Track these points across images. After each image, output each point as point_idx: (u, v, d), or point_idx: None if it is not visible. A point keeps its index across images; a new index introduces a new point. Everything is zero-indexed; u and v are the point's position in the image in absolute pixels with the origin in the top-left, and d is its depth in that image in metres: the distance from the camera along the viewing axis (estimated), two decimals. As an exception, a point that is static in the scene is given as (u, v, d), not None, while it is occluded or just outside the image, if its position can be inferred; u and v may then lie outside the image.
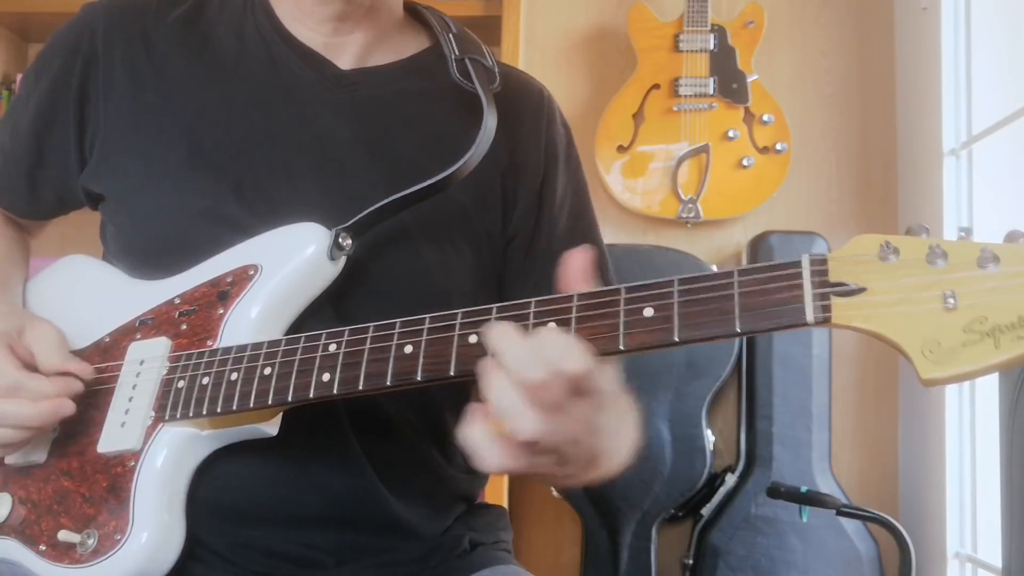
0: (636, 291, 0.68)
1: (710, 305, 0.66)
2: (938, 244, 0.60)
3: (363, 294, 0.92)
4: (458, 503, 1.03)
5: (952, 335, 0.58)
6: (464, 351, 0.73)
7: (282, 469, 0.90)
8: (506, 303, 0.73)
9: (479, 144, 0.94)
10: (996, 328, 0.57)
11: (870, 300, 0.61)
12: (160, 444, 0.86)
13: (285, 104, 0.98)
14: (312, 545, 0.92)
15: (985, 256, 0.58)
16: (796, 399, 2.13)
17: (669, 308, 0.66)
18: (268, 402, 0.81)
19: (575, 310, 0.70)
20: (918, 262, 0.60)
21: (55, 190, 1.06)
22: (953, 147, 2.07)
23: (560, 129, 1.08)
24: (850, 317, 0.61)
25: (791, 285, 0.63)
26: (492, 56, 1.04)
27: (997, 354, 0.57)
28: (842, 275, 0.62)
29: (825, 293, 0.62)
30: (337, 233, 0.89)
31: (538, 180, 1.03)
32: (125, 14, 1.02)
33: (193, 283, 0.93)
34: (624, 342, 0.67)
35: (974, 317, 0.58)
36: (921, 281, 0.60)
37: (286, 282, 0.89)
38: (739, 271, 0.66)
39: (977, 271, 0.59)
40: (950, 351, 0.58)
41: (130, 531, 0.83)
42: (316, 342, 0.80)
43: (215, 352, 0.86)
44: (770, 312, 0.64)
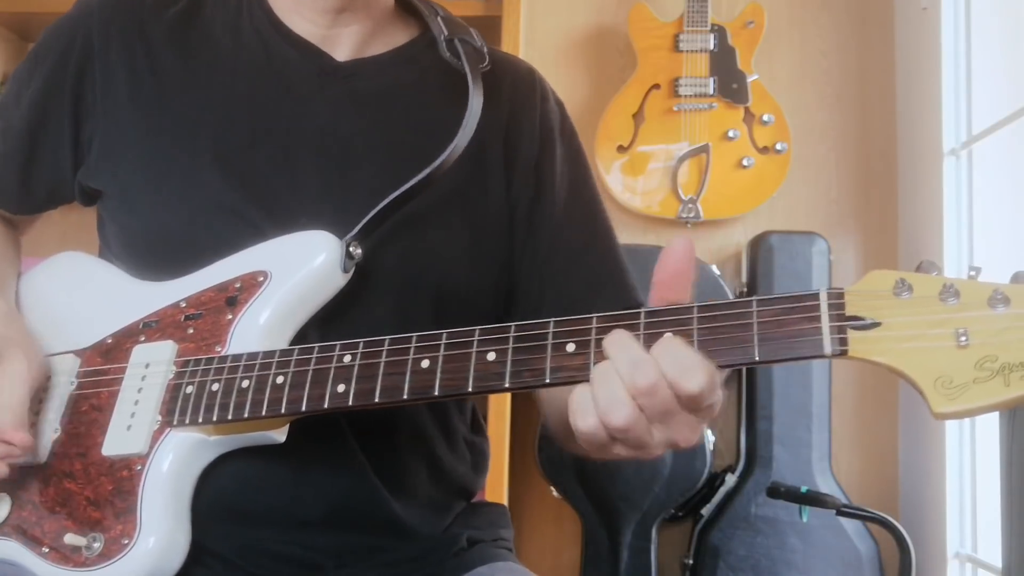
0: (655, 315, 0.70)
1: (729, 334, 0.67)
2: (952, 284, 0.63)
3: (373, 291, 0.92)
4: (458, 500, 1.03)
5: (964, 371, 0.61)
6: (482, 368, 0.74)
7: (282, 471, 0.89)
8: (523, 323, 0.74)
9: (466, 125, 0.94)
10: (1006, 367, 0.60)
11: (885, 335, 0.63)
12: (167, 448, 0.85)
13: (284, 97, 0.98)
14: (312, 547, 0.92)
15: (996, 297, 0.62)
16: (796, 399, 2.13)
17: (689, 334, 0.68)
18: (281, 411, 0.80)
19: (594, 332, 0.71)
20: (931, 300, 0.63)
21: (47, 187, 1.04)
22: (953, 147, 2.07)
23: (553, 106, 1.08)
24: (867, 351, 0.64)
25: (809, 317, 0.65)
26: (482, 38, 1.04)
27: (1007, 392, 0.60)
28: (858, 309, 0.65)
29: (842, 327, 0.64)
30: (348, 243, 0.89)
31: (534, 155, 1.03)
32: (121, 10, 1.01)
33: (199, 287, 0.92)
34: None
35: (985, 355, 0.61)
36: (935, 318, 0.63)
37: (296, 291, 0.88)
38: (757, 300, 0.68)
39: (988, 311, 0.62)
40: (962, 387, 0.61)
41: (138, 535, 0.83)
42: (330, 352, 0.80)
43: (224, 359, 0.85)
44: (789, 343, 0.66)
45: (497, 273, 1.01)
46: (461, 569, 0.97)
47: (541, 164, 1.03)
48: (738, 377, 2.20)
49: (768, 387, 2.14)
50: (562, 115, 1.09)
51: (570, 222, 1.04)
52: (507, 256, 1.01)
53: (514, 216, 1.01)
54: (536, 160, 1.03)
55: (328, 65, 1.00)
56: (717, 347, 0.67)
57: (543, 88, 1.09)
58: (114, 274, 1.00)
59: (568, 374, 0.71)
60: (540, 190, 1.02)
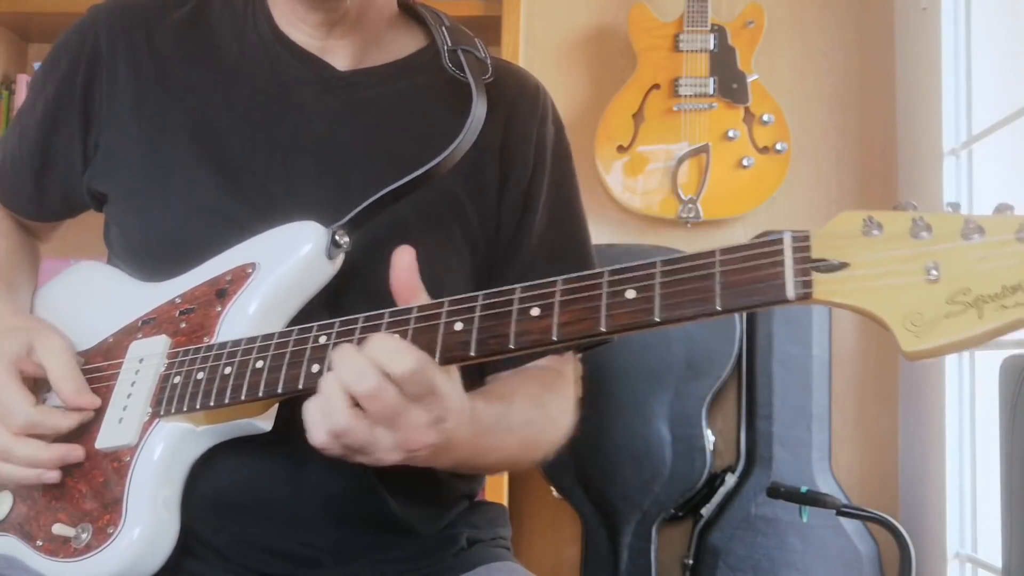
0: (619, 274, 0.70)
1: (691, 285, 0.66)
2: (922, 217, 0.59)
3: (359, 291, 0.92)
4: (458, 501, 1.03)
5: (935, 307, 0.57)
6: (450, 338, 0.74)
7: (280, 467, 0.90)
8: (491, 291, 0.75)
9: (467, 132, 0.94)
10: (980, 298, 0.56)
11: (852, 275, 0.60)
12: (156, 439, 0.86)
13: (285, 105, 0.99)
14: (310, 543, 0.92)
15: (969, 227, 0.58)
16: (796, 399, 2.13)
17: (651, 289, 0.67)
18: (259, 394, 0.81)
19: (559, 294, 0.71)
20: (902, 235, 0.60)
21: (61, 191, 1.06)
22: (953, 147, 2.07)
23: (551, 128, 1.08)
24: (832, 292, 0.61)
25: (772, 263, 0.63)
26: (485, 49, 1.05)
27: (980, 324, 0.56)
28: (824, 251, 0.62)
29: (806, 269, 0.62)
30: (334, 231, 0.89)
31: (526, 178, 1.04)
32: (128, 16, 1.03)
33: (193, 283, 0.93)
34: (605, 323, 0.68)
35: (957, 288, 0.57)
36: (904, 254, 0.59)
37: (283, 280, 0.89)
38: (721, 250, 0.66)
39: (961, 242, 0.58)
40: (933, 323, 0.57)
41: (123, 525, 0.84)
42: (307, 335, 0.81)
43: (210, 347, 0.86)
44: (751, 289, 0.64)
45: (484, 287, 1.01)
46: (460, 569, 0.97)
47: (530, 189, 1.04)
48: (738, 377, 2.20)
49: (768, 387, 2.14)
50: (558, 137, 1.09)
51: (542, 250, 1.04)
52: (489, 272, 1.02)
53: (499, 235, 1.03)
54: (527, 184, 1.04)
55: (329, 74, 1.01)
56: (680, 299, 0.66)
57: (545, 108, 1.09)
58: (119, 278, 1.02)
59: (533, 337, 0.71)
60: (524, 215, 1.03)
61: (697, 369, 2.14)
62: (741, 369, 2.19)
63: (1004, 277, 0.56)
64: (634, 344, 2.11)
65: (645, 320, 0.67)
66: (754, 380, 2.15)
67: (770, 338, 2.14)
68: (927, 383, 2.13)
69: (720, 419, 2.28)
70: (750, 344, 2.16)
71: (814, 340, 2.14)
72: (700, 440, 2.12)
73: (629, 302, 0.68)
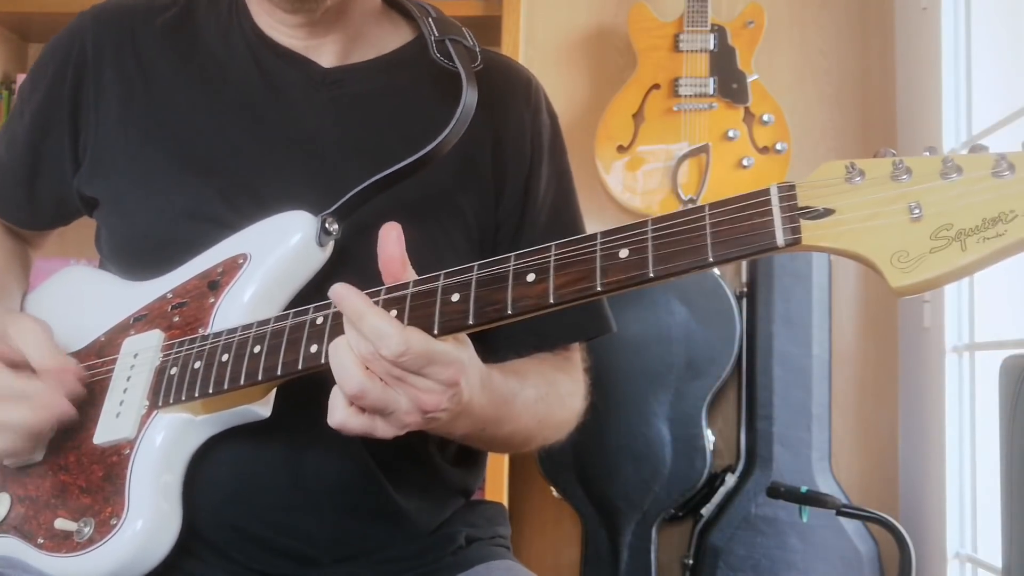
0: (612, 234, 0.71)
1: (683, 238, 0.68)
2: (901, 160, 0.62)
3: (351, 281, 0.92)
4: (455, 497, 1.04)
5: (919, 244, 0.60)
6: (447, 309, 0.75)
7: (279, 455, 0.90)
8: (486, 260, 0.76)
9: (458, 119, 0.94)
10: (962, 232, 0.59)
11: (838, 219, 0.63)
12: (155, 431, 0.86)
13: (271, 104, 0.99)
14: (309, 538, 0.92)
15: (948, 167, 0.61)
16: (796, 399, 2.13)
17: (644, 247, 0.69)
18: (258, 379, 0.81)
19: (553, 259, 0.72)
20: (883, 179, 0.63)
21: (53, 198, 1.06)
22: (953, 147, 2.06)
23: (546, 119, 1.08)
24: (819, 237, 0.63)
25: (760, 212, 0.65)
26: (474, 39, 1.05)
27: (964, 256, 0.59)
28: (810, 199, 0.64)
29: (794, 216, 0.64)
30: (323, 219, 0.90)
31: (524, 171, 1.04)
32: (114, 20, 1.03)
33: (184, 278, 0.94)
34: (601, 283, 0.70)
35: (940, 224, 0.60)
36: (886, 196, 0.62)
37: (275, 269, 0.90)
38: (710, 205, 0.68)
39: (941, 181, 0.61)
40: (918, 259, 0.60)
41: (126, 516, 0.84)
42: (304, 316, 0.82)
43: (206, 337, 0.87)
44: (741, 239, 0.66)
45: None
46: (459, 567, 0.97)
47: (528, 183, 1.04)
48: (738, 377, 2.20)
49: (768, 387, 2.14)
50: (554, 129, 1.09)
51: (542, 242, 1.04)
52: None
53: (499, 233, 1.03)
54: (525, 179, 1.04)
55: (315, 72, 1.01)
56: (672, 251, 0.68)
57: (538, 99, 1.09)
58: (108, 280, 1.02)
59: (530, 302, 0.72)
60: (525, 209, 1.04)
61: (697, 369, 2.14)
62: (741, 369, 2.18)
63: (983, 211, 0.59)
64: (634, 344, 2.11)
65: (639, 275, 0.68)
66: (754, 380, 2.15)
67: (770, 338, 2.14)
68: (927, 383, 2.13)
69: (720, 419, 2.28)
70: (750, 344, 2.16)
71: (814, 340, 2.14)
72: (700, 440, 2.12)
73: (623, 261, 0.69)
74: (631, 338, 2.10)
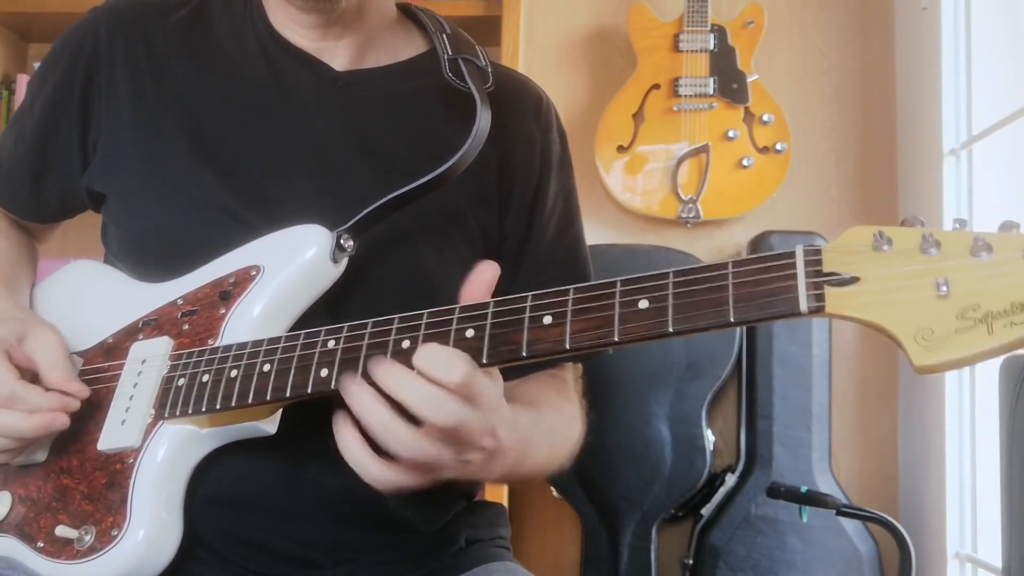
0: (631, 283, 0.70)
1: (704, 296, 0.66)
2: (931, 233, 0.61)
3: (361, 296, 0.92)
4: (457, 501, 1.03)
5: (945, 322, 0.58)
6: (461, 345, 0.74)
7: (279, 464, 0.90)
8: (503, 298, 0.74)
9: (472, 141, 0.94)
10: (989, 315, 0.58)
11: (864, 289, 0.61)
12: (159, 441, 0.86)
13: (282, 105, 0.99)
14: (309, 543, 0.92)
15: (978, 245, 0.59)
16: (796, 399, 2.13)
17: (664, 300, 0.68)
18: (266, 398, 0.81)
19: (571, 303, 0.71)
20: (911, 251, 0.61)
21: (59, 192, 1.06)
22: (953, 147, 2.07)
23: (556, 136, 1.09)
24: (844, 306, 0.62)
25: (785, 275, 0.64)
26: (486, 57, 1.05)
27: (990, 340, 0.57)
28: (836, 265, 0.63)
29: (819, 283, 0.63)
30: (339, 235, 0.89)
31: (532, 187, 1.04)
32: (127, 17, 1.03)
33: (196, 284, 0.93)
34: (619, 334, 0.68)
35: (967, 304, 0.58)
36: (914, 270, 0.60)
37: (288, 283, 0.89)
38: (733, 262, 0.67)
39: (970, 259, 0.59)
40: (943, 338, 0.58)
41: (127, 527, 0.83)
42: (315, 339, 0.81)
43: (216, 350, 0.86)
44: (764, 303, 0.64)
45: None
46: (459, 569, 0.97)
47: (536, 198, 1.04)
48: (738, 377, 2.20)
49: (768, 387, 2.14)
50: (563, 147, 1.10)
51: (551, 261, 1.05)
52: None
53: (503, 247, 1.03)
54: (533, 193, 1.04)
55: (327, 74, 1.01)
56: (693, 311, 0.66)
57: (548, 117, 1.09)
58: (117, 278, 1.02)
59: (545, 346, 0.71)
60: (531, 224, 1.04)
61: (697, 369, 2.14)
62: (741, 369, 2.19)
63: (1012, 294, 0.58)
64: (634, 344, 2.11)
65: (658, 331, 0.67)
66: (754, 380, 2.15)
67: (770, 338, 2.14)
68: (927, 383, 2.13)
69: (720, 419, 2.28)
70: (750, 344, 2.16)
71: (814, 340, 2.14)
72: (700, 440, 2.12)
73: (642, 312, 0.68)
74: (631, 338, 2.10)
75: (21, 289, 1.06)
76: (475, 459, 0.75)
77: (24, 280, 1.07)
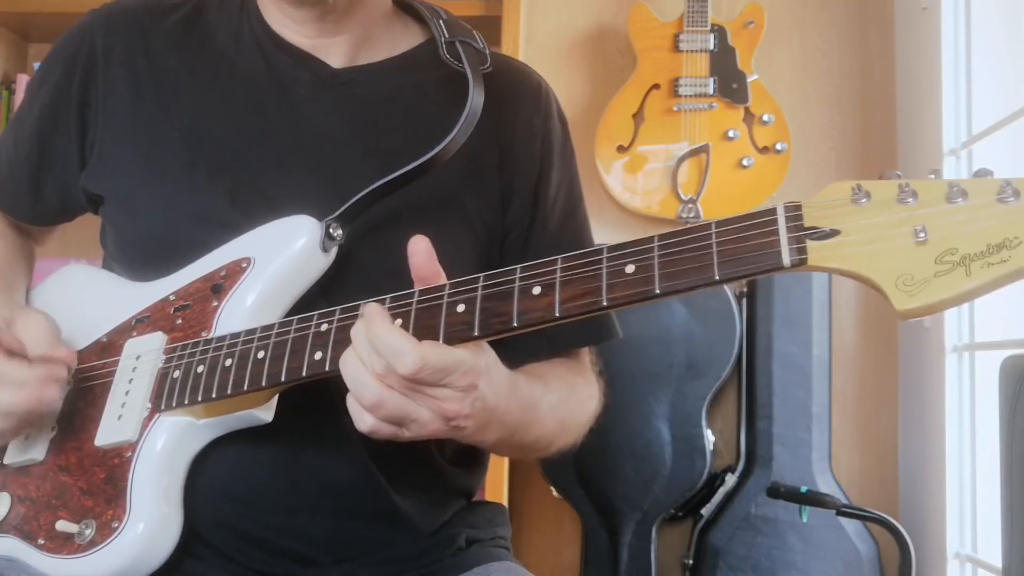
0: (617, 249, 0.71)
1: (689, 256, 0.68)
2: (908, 184, 0.63)
3: (355, 283, 0.92)
4: (456, 499, 1.04)
5: (924, 267, 0.60)
6: (452, 319, 0.75)
7: (278, 456, 0.90)
8: (492, 271, 0.75)
9: (464, 121, 0.94)
10: (966, 257, 0.59)
11: (844, 241, 0.63)
12: (157, 434, 0.86)
13: (280, 104, 0.99)
14: (308, 538, 0.92)
15: (953, 192, 0.61)
16: (796, 399, 2.13)
17: (649, 262, 0.69)
18: (262, 384, 0.81)
19: (559, 272, 0.72)
20: (889, 202, 0.63)
21: (58, 194, 1.07)
22: (953, 147, 2.07)
23: (557, 123, 1.08)
24: (825, 258, 0.63)
25: (767, 232, 0.65)
26: (484, 41, 1.05)
27: (968, 281, 0.59)
28: (816, 220, 0.65)
29: (800, 237, 0.64)
30: (328, 224, 0.90)
31: (534, 176, 1.04)
32: (124, 19, 1.04)
33: (187, 280, 0.94)
34: (607, 297, 0.70)
35: (945, 249, 0.60)
36: (892, 219, 0.62)
37: (279, 273, 0.90)
38: (716, 222, 0.68)
39: (946, 206, 0.61)
40: (923, 282, 0.60)
41: (127, 519, 0.84)
42: (308, 323, 0.82)
43: (209, 341, 0.87)
44: (747, 258, 0.66)
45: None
46: (458, 568, 0.97)
47: (538, 188, 1.04)
48: (738, 377, 2.20)
49: (768, 387, 2.14)
50: (564, 134, 1.09)
51: (557, 249, 1.03)
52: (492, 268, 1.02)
53: (507, 238, 1.03)
54: (535, 184, 1.04)
55: (324, 72, 1.01)
56: (678, 268, 0.68)
57: (548, 104, 1.09)
58: (111, 280, 1.02)
59: (536, 315, 0.72)
60: (535, 213, 1.04)
61: (697, 369, 2.14)
62: (741, 369, 2.18)
63: (988, 236, 0.59)
64: (634, 344, 2.11)
65: (645, 291, 0.68)
66: (754, 380, 2.15)
67: (770, 338, 2.14)
68: (927, 383, 2.13)
69: (720, 419, 2.28)
70: (750, 344, 2.16)
71: (814, 340, 2.14)
72: (700, 440, 2.12)
73: (629, 275, 0.69)
74: (631, 338, 2.08)
75: (17, 291, 1.06)
76: (461, 420, 0.76)
77: (20, 282, 1.08)
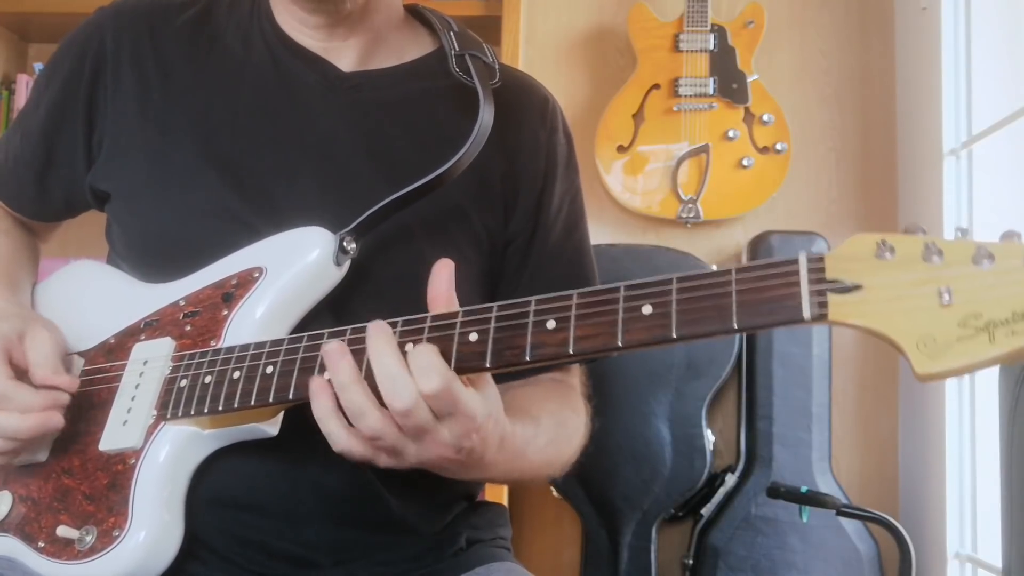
0: (635, 289, 0.69)
1: (708, 302, 0.66)
2: (933, 242, 0.61)
3: (364, 296, 0.92)
4: (458, 501, 1.03)
5: (947, 330, 0.59)
6: (465, 348, 0.74)
7: (279, 464, 0.90)
8: (506, 302, 0.74)
9: (475, 138, 0.94)
10: (991, 323, 0.58)
11: (866, 297, 0.62)
12: (161, 442, 0.86)
13: (288, 106, 0.99)
14: (309, 543, 0.92)
15: (980, 253, 0.59)
16: (796, 399, 2.13)
17: (667, 305, 0.67)
18: (269, 400, 0.81)
19: (575, 308, 0.71)
20: (914, 259, 0.61)
21: (63, 191, 1.07)
22: (953, 147, 2.07)
23: (562, 138, 1.08)
24: (846, 314, 0.62)
25: (788, 283, 0.64)
26: (493, 54, 1.05)
27: (991, 348, 0.57)
28: (838, 273, 0.63)
29: (822, 290, 0.63)
30: (342, 238, 0.89)
31: (537, 188, 1.04)
32: (134, 17, 1.03)
33: (198, 286, 0.93)
34: (622, 339, 0.68)
35: (969, 313, 0.58)
36: (916, 278, 0.61)
37: (291, 285, 0.89)
38: (737, 269, 0.67)
39: (972, 268, 0.59)
40: (945, 346, 0.58)
41: (129, 528, 0.84)
42: (318, 341, 0.80)
43: (218, 351, 0.86)
44: (767, 308, 0.64)
45: (487, 294, 1.01)
46: (459, 569, 0.97)
47: (541, 201, 1.04)
48: (738, 377, 2.20)
49: (768, 387, 2.14)
50: (569, 149, 1.10)
51: (556, 262, 1.05)
52: (495, 279, 1.02)
53: (508, 249, 1.03)
54: (538, 196, 1.04)
55: (333, 75, 1.01)
56: (696, 316, 0.66)
57: (555, 118, 1.09)
58: (119, 278, 1.02)
59: (549, 350, 0.71)
60: (536, 226, 1.03)
61: (697, 369, 2.14)
62: (741, 369, 2.18)
63: (1014, 303, 0.58)
64: (634, 344, 2.10)
65: (662, 336, 0.67)
66: (754, 380, 2.15)
67: (770, 338, 2.14)
68: (927, 384, 2.12)
69: (720, 419, 2.28)
70: (750, 344, 2.16)
71: (814, 340, 2.14)
72: (700, 440, 2.12)
73: (646, 318, 0.68)
74: (631, 338, 2.09)
75: (23, 288, 1.06)
76: (447, 456, 0.76)
77: (26, 279, 1.08)
